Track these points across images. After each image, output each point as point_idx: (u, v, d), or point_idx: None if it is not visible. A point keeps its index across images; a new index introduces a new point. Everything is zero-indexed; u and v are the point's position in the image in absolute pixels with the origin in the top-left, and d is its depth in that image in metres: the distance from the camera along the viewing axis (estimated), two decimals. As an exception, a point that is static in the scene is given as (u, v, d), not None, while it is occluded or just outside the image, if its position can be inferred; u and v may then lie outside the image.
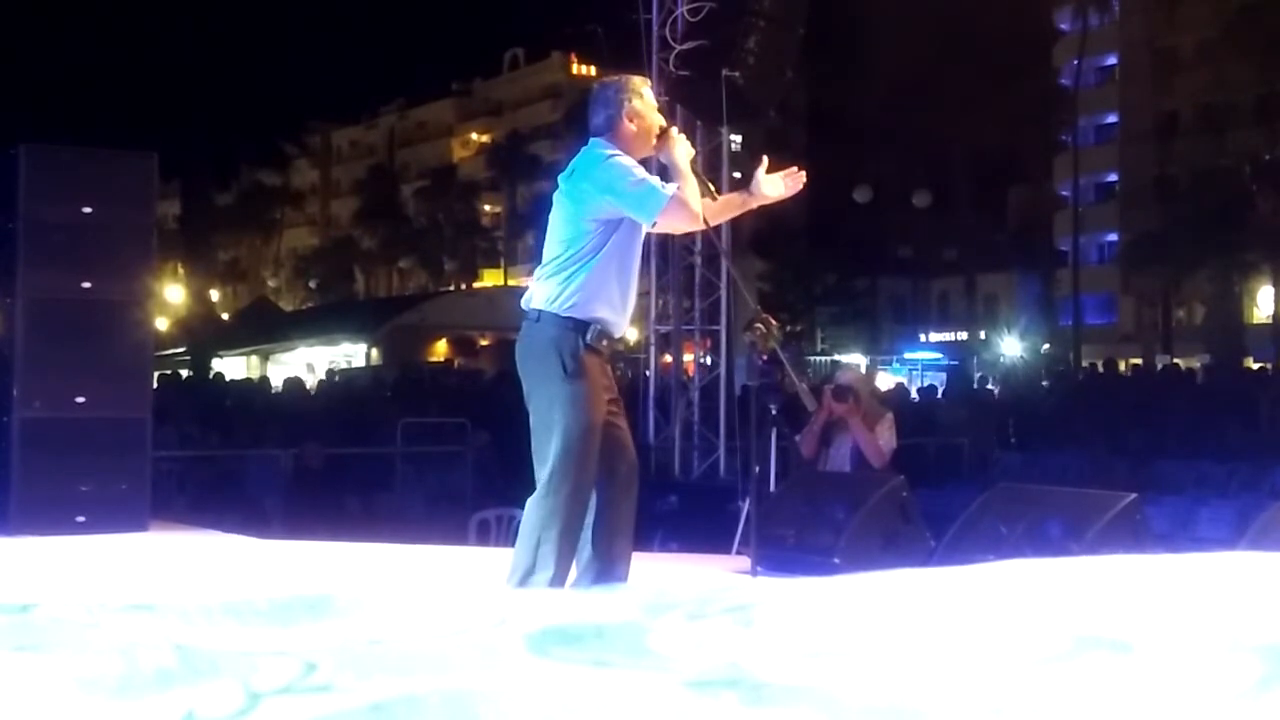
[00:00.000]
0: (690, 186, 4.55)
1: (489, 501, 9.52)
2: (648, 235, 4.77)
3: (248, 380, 26.18)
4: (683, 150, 4.65)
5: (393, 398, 19.24)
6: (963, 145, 50.55)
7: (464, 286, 61.37)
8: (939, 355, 45.82)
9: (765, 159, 4.82)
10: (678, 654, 1.65)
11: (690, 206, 4.53)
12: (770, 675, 1.57)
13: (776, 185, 4.83)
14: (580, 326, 4.48)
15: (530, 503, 4.51)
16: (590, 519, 4.53)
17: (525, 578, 4.42)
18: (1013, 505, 6.30)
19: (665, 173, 4.69)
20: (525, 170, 62.34)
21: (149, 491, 7.54)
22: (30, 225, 7.25)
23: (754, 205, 4.90)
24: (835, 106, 53.12)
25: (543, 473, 4.48)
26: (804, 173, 4.86)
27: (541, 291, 4.55)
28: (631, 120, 4.64)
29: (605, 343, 4.56)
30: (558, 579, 4.44)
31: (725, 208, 4.93)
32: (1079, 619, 1.81)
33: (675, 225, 4.74)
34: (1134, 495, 6.00)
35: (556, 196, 4.65)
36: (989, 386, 22.02)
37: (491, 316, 35.42)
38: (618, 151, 4.56)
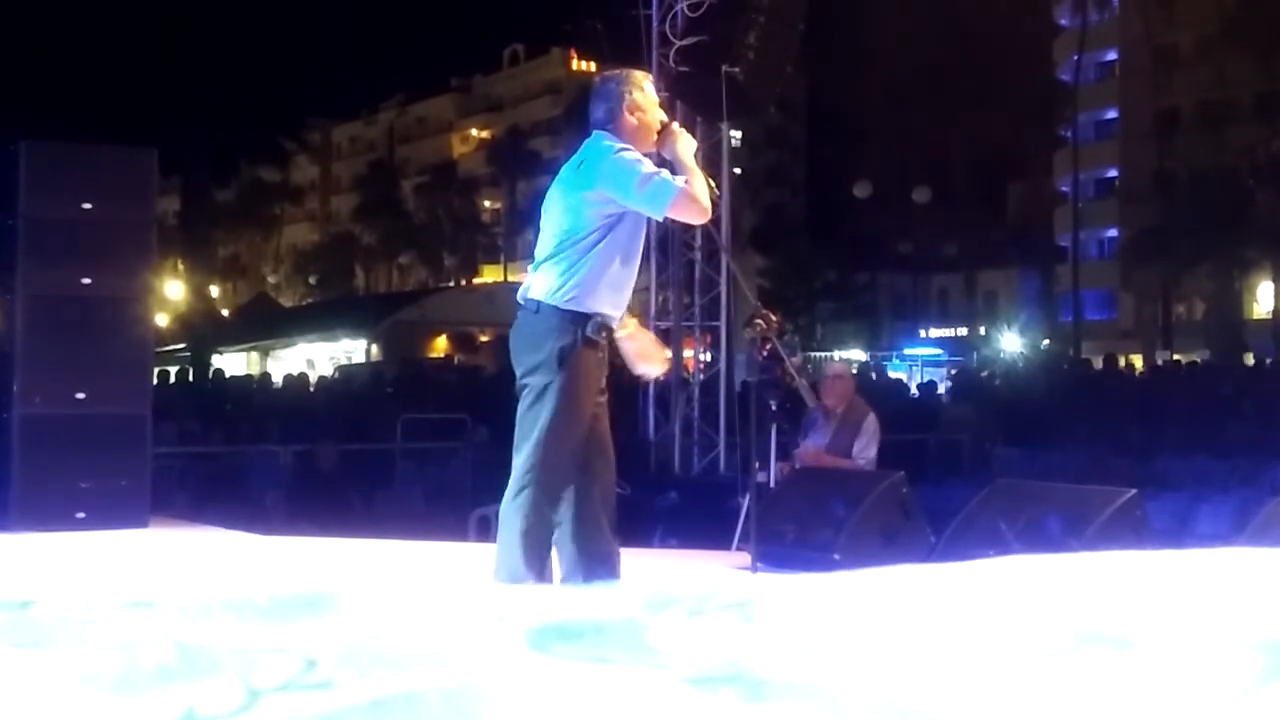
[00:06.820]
0: (698, 180, 4.51)
1: (489, 497, 9.45)
2: (647, 231, 4.74)
3: (248, 376, 26.18)
4: (685, 145, 4.62)
5: (393, 394, 19.21)
6: (962, 141, 50.59)
7: (464, 282, 61.44)
8: (939, 351, 45.78)
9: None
10: (678, 650, 1.65)
11: (699, 200, 4.49)
12: (770, 672, 1.57)
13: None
14: (580, 319, 4.43)
15: (506, 498, 4.43)
16: (570, 514, 4.46)
17: (511, 575, 4.35)
18: (1013, 501, 6.29)
19: (668, 168, 4.66)
20: (525, 166, 62.33)
21: (149, 488, 7.52)
22: (30, 222, 7.24)
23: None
24: (835, 102, 53.21)
25: (520, 465, 4.41)
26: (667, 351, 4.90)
27: (541, 283, 4.49)
28: (633, 113, 4.61)
29: (604, 335, 4.51)
30: (545, 576, 4.39)
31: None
32: (1080, 615, 1.81)
33: (684, 218, 4.72)
34: (1134, 491, 5.99)
35: (557, 187, 4.60)
36: (996, 382, 21.87)
37: (491, 312, 35.40)
38: (625, 145, 4.53)
